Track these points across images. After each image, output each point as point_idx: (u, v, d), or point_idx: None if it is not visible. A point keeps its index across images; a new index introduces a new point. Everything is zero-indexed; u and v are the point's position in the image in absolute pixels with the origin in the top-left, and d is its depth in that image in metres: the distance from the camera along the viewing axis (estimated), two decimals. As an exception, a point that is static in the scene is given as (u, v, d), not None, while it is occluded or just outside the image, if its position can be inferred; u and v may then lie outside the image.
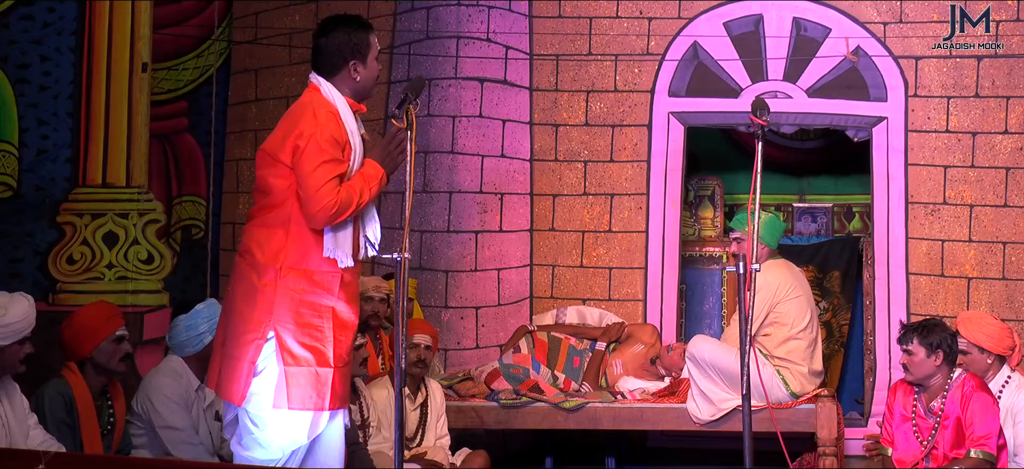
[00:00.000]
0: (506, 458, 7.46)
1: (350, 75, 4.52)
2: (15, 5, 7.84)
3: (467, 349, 7.43)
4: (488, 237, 7.52)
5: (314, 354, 4.37)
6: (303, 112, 4.45)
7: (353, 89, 4.53)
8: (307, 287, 4.38)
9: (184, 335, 5.47)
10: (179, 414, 5.36)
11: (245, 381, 4.35)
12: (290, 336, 4.35)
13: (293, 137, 4.38)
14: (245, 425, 4.41)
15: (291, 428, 4.38)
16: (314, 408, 4.38)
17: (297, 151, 4.35)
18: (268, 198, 4.44)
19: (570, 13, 7.72)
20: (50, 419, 5.03)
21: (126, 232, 7.83)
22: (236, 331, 4.40)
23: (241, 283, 4.44)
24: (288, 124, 4.46)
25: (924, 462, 5.61)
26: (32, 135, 7.81)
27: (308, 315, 4.38)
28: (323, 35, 4.55)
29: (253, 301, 4.37)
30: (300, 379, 4.35)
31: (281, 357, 4.34)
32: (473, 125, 7.45)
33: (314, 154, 4.33)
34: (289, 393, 4.34)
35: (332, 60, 4.52)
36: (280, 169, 4.40)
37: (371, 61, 4.56)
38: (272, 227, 4.41)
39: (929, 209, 7.37)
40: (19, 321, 4.81)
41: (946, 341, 5.58)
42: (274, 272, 4.36)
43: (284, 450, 4.41)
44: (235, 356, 4.38)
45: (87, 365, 5.23)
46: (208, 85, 8.28)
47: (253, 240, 4.44)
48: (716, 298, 8.15)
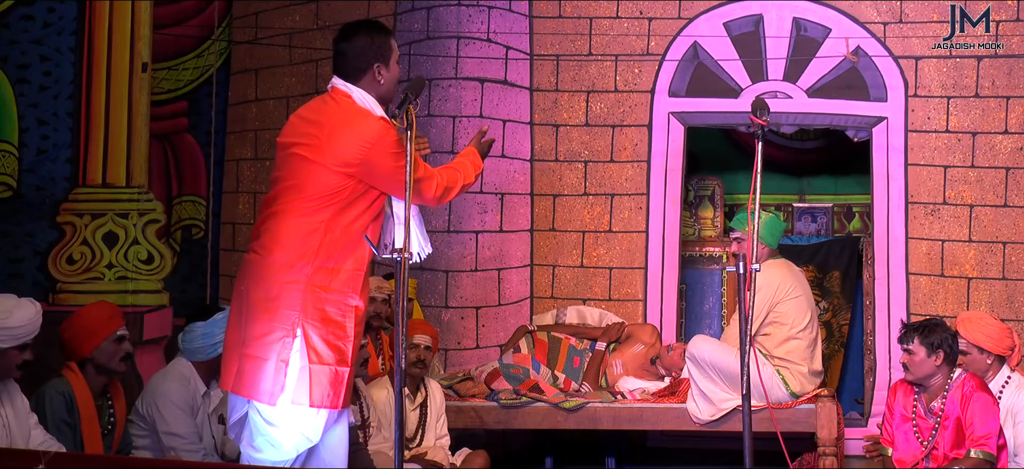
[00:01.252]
0: (506, 458, 7.45)
1: (374, 78, 4.50)
2: (15, 5, 7.83)
3: (467, 349, 7.43)
4: (488, 237, 7.52)
5: (336, 352, 4.36)
6: (354, 117, 4.41)
7: (377, 93, 4.51)
8: (335, 285, 4.36)
9: (200, 342, 5.46)
10: (184, 420, 5.36)
11: (274, 379, 4.31)
12: (317, 334, 4.33)
13: (358, 143, 4.35)
14: (257, 425, 4.38)
15: (306, 426, 4.36)
16: (330, 406, 4.37)
17: (371, 157, 4.35)
18: (303, 194, 4.38)
19: (570, 13, 7.72)
20: (51, 419, 5.02)
21: (126, 232, 7.82)
22: (260, 330, 4.34)
23: (263, 281, 4.38)
24: (341, 131, 4.39)
25: (924, 462, 5.61)
26: (32, 135, 7.81)
27: (334, 313, 4.36)
28: (345, 40, 4.52)
29: (279, 298, 4.33)
30: (322, 378, 4.34)
31: (306, 355, 4.32)
32: (473, 125, 7.44)
33: (393, 155, 4.38)
34: (311, 391, 4.32)
35: (356, 63, 4.49)
36: (334, 174, 4.36)
37: (393, 64, 4.55)
38: (305, 227, 4.35)
39: (929, 209, 7.37)
40: (22, 326, 4.78)
41: (947, 341, 5.59)
42: (305, 269, 4.32)
43: (297, 448, 4.39)
44: (260, 356, 4.33)
45: (88, 365, 5.22)
46: (208, 85, 8.28)
47: (280, 237, 4.38)
48: (716, 298, 8.14)
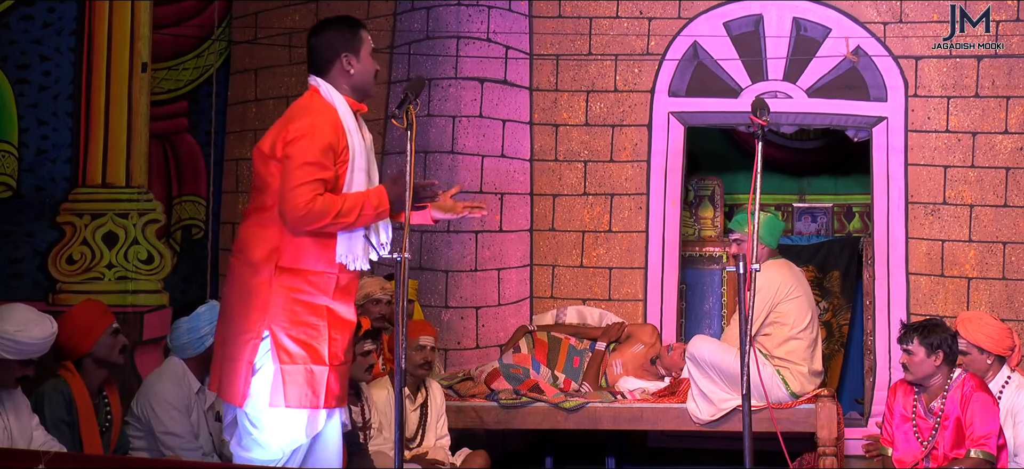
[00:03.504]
0: (506, 458, 7.45)
1: (343, 68, 4.50)
2: (15, 5, 7.83)
3: (467, 349, 7.43)
4: (488, 237, 7.52)
5: (309, 351, 4.35)
6: (299, 112, 4.42)
7: (350, 85, 4.51)
8: (302, 286, 4.36)
9: (186, 338, 5.46)
10: (179, 420, 5.36)
11: (244, 381, 4.34)
12: (285, 334, 4.33)
13: (285, 134, 4.35)
14: (244, 426, 4.40)
15: (289, 427, 4.36)
16: (310, 406, 4.36)
17: (286, 149, 4.32)
18: (263, 197, 4.42)
19: (570, 13, 7.72)
20: (50, 418, 5.03)
21: (126, 232, 7.82)
22: (233, 332, 4.39)
23: (236, 283, 4.43)
24: (283, 122, 4.44)
25: (924, 462, 5.61)
26: (32, 135, 7.80)
27: (303, 313, 4.36)
28: (314, 35, 4.57)
29: (248, 301, 4.35)
30: (296, 377, 4.33)
31: (277, 356, 4.32)
32: (473, 125, 7.45)
33: (298, 154, 4.29)
34: (286, 392, 4.33)
35: (325, 54, 4.51)
36: (273, 167, 4.37)
37: (365, 56, 4.53)
38: (267, 226, 4.38)
39: (929, 209, 7.37)
40: (34, 343, 4.78)
41: (946, 341, 5.59)
42: (269, 271, 4.34)
43: (284, 450, 4.40)
44: (233, 357, 4.37)
45: (86, 361, 5.24)
46: (208, 85, 8.27)
47: (248, 239, 4.42)
48: (716, 298, 8.14)
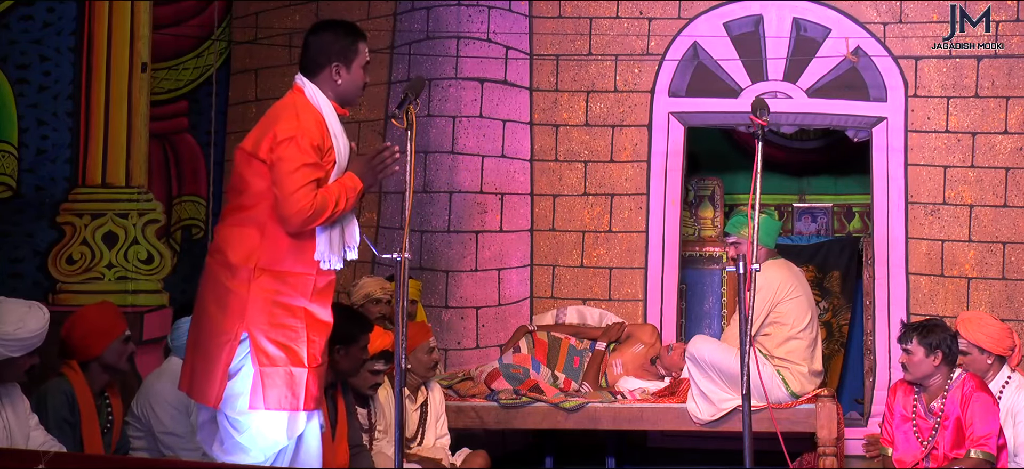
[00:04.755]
0: (506, 458, 7.45)
1: (331, 77, 4.47)
2: (15, 5, 7.82)
3: (467, 349, 7.43)
4: (488, 237, 7.52)
5: (287, 353, 4.34)
6: (285, 112, 4.40)
7: (335, 93, 4.49)
8: (280, 288, 4.34)
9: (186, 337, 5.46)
10: (180, 420, 5.37)
11: (220, 383, 4.32)
12: (263, 336, 4.32)
13: (272, 136, 4.32)
14: (226, 429, 4.38)
15: (270, 429, 4.36)
16: (290, 408, 4.35)
17: (276, 151, 4.30)
18: (242, 198, 4.40)
19: (570, 13, 7.72)
20: (52, 417, 5.03)
21: (126, 232, 7.81)
22: (209, 334, 4.37)
23: (213, 285, 4.40)
24: (268, 122, 4.41)
25: (924, 462, 5.61)
26: (32, 135, 7.80)
27: (281, 316, 4.34)
28: (312, 34, 4.54)
29: (226, 303, 4.33)
30: (275, 379, 4.32)
31: (256, 358, 4.31)
32: (473, 125, 7.45)
33: (294, 156, 4.28)
34: (265, 394, 4.32)
35: (316, 59, 4.49)
36: (257, 167, 4.35)
37: (356, 68, 4.51)
38: (245, 227, 4.37)
39: (929, 209, 7.37)
40: (34, 335, 4.79)
41: (945, 341, 5.58)
42: (247, 273, 4.32)
43: (266, 452, 4.39)
44: (209, 358, 4.35)
45: (92, 364, 5.23)
46: (208, 85, 8.27)
47: (225, 240, 4.39)
48: (716, 298, 8.14)
